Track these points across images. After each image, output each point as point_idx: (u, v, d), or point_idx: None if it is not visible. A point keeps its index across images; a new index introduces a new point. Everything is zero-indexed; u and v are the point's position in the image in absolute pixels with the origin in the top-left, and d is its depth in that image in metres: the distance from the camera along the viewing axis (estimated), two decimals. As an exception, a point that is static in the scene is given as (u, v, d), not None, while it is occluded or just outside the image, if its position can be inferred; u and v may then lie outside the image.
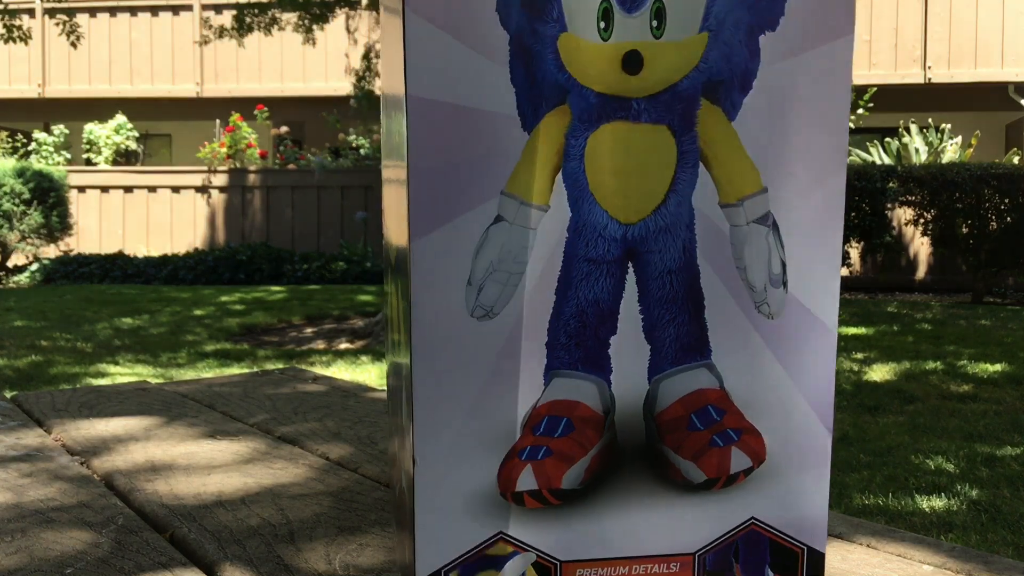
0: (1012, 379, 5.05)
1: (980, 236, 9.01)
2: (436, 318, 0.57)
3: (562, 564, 0.59)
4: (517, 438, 0.59)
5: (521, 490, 0.58)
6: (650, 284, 0.59)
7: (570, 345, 0.59)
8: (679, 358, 0.60)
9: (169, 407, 1.49)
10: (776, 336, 0.60)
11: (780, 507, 0.61)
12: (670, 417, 0.60)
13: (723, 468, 0.60)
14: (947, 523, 2.89)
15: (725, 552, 0.60)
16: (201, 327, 7.23)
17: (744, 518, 0.61)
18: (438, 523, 0.58)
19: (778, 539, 0.61)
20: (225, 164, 12.37)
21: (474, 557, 0.58)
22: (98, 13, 13.78)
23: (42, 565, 0.81)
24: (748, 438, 0.60)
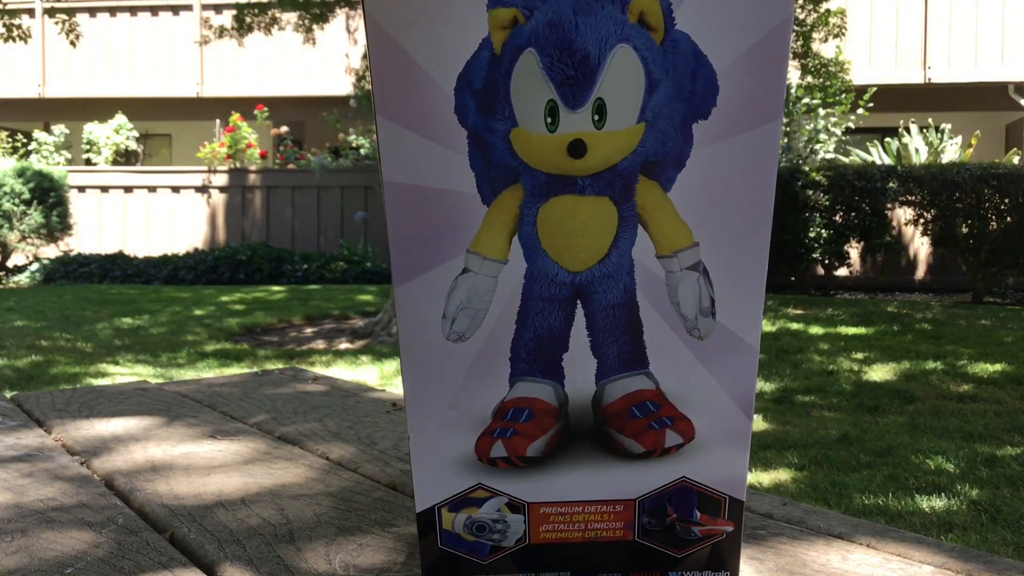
0: (1012, 379, 5.05)
1: (980, 236, 9.01)
2: (419, 342, 0.71)
3: (528, 504, 0.73)
4: (489, 422, 0.71)
5: (494, 456, 0.71)
6: (596, 316, 0.71)
7: (529, 359, 0.71)
8: (621, 368, 0.72)
9: (169, 407, 1.49)
10: (705, 352, 0.72)
11: (706, 470, 0.73)
12: (615, 410, 0.72)
13: (659, 443, 0.72)
14: (947, 523, 2.89)
15: (660, 499, 0.73)
16: (201, 327, 7.23)
17: (676, 476, 0.73)
18: (430, 476, 0.72)
19: (704, 491, 0.73)
20: (225, 164, 12.37)
21: (459, 499, 0.73)
22: (98, 13, 13.78)
23: (42, 565, 0.81)
24: (680, 423, 0.72)
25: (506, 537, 0.74)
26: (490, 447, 0.72)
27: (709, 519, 0.74)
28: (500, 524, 0.74)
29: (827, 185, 9.15)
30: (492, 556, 0.74)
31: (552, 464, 0.72)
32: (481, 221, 0.68)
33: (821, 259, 9.37)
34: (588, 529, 0.74)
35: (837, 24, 9.09)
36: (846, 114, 10.06)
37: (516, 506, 0.73)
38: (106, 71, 13.87)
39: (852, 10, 11.83)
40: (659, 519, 0.74)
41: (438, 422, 0.72)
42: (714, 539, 0.74)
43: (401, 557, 0.82)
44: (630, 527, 0.74)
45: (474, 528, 0.74)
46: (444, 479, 0.73)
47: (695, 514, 0.74)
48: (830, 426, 4.12)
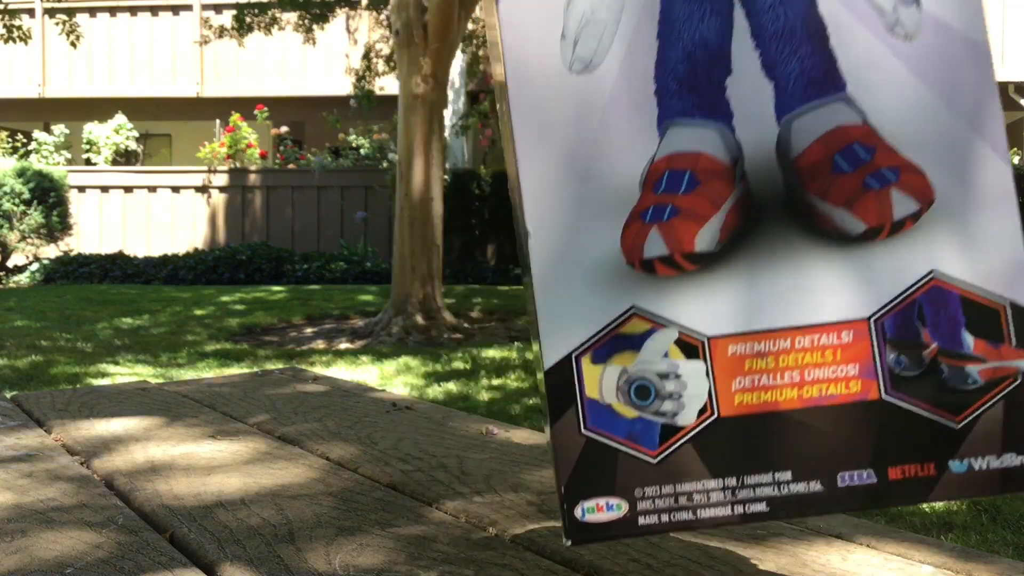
0: (1012, 379, 5.05)
1: (980, 236, 9.02)
2: (532, 75, 0.52)
3: (710, 340, 0.51)
4: (637, 199, 0.52)
5: (649, 256, 0.52)
6: (762, 17, 0.53)
7: (682, 91, 0.52)
8: (808, 94, 0.52)
9: (169, 407, 1.49)
10: (918, 58, 0.52)
11: (964, 254, 0.51)
12: (810, 161, 0.52)
13: (884, 213, 0.51)
14: (947, 523, 2.89)
15: (907, 315, 0.51)
16: (201, 327, 7.22)
17: (923, 271, 0.51)
18: (561, 302, 0.50)
19: (969, 294, 0.51)
20: (225, 164, 12.36)
21: (606, 338, 0.51)
22: (98, 13, 13.77)
23: (42, 565, 0.81)
24: (908, 176, 0.51)
25: (683, 406, 0.51)
26: (643, 240, 0.52)
27: (989, 348, 0.51)
28: (672, 381, 0.51)
29: (827, 185, 9.15)
30: (665, 445, 0.51)
31: (735, 265, 0.51)
32: None
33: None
34: (807, 383, 0.51)
35: (837, 24, 9.09)
36: (846, 114, 10.05)
37: (691, 346, 0.51)
38: (106, 71, 13.87)
39: (852, 10, 11.82)
40: (913, 354, 0.51)
41: (567, 203, 0.51)
42: (1006, 385, 0.51)
43: (401, 557, 0.82)
44: (871, 373, 0.51)
45: (633, 391, 0.51)
46: (581, 305, 0.51)
47: (965, 339, 0.51)
48: (830, 426, 4.12)
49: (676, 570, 0.77)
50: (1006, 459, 0.50)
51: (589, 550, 0.80)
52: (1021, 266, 0.51)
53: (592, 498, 0.51)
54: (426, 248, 6.93)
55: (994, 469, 0.51)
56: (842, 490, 0.51)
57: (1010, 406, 0.50)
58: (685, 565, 0.77)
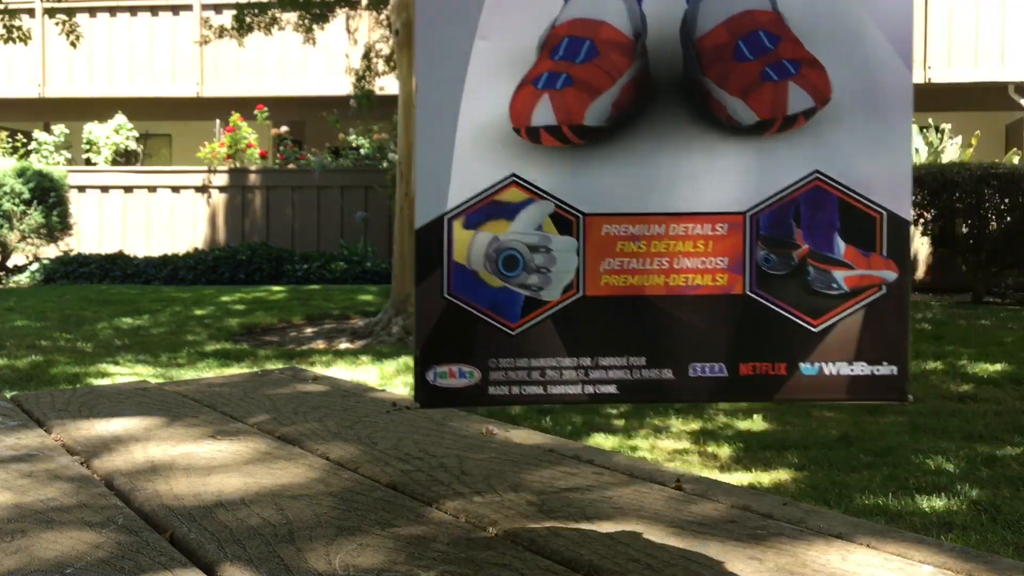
0: (1012, 379, 5.04)
1: (980, 236, 9.00)
2: None
3: (585, 217, 0.48)
4: (533, 63, 0.48)
5: (537, 124, 0.48)
6: None
7: None
8: None
9: (169, 407, 1.49)
10: None
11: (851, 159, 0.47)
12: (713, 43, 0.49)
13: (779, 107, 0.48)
14: (947, 523, 2.89)
15: (783, 213, 0.48)
16: (201, 327, 7.22)
17: (806, 171, 0.48)
18: (441, 161, 0.46)
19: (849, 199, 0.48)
20: (225, 164, 12.36)
21: (482, 202, 0.47)
22: (98, 13, 13.77)
23: (42, 565, 0.81)
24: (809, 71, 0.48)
25: (549, 281, 0.48)
26: (532, 107, 0.47)
27: (859, 255, 0.49)
28: (542, 254, 0.48)
29: (827, 185, 9.14)
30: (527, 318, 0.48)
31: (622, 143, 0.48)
32: None
33: (821, 259, 9.37)
34: (675, 271, 0.49)
35: (837, 24, 9.09)
36: (846, 114, 10.04)
37: (566, 222, 0.48)
38: (106, 71, 13.87)
39: (852, 10, 11.81)
40: (782, 252, 0.48)
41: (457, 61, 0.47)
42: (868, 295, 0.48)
43: (401, 557, 0.82)
44: (739, 267, 0.49)
45: (501, 261, 0.48)
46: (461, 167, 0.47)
47: (837, 244, 0.49)
48: (830, 426, 4.11)
49: (676, 570, 0.77)
50: (856, 367, 0.47)
51: (589, 550, 0.80)
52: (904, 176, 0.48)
53: (446, 363, 0.48)
54: (426, 248, 6.90)
55: (843, 376, 0.48)
56: (693, 380, 0.48)
57: (869, 315, 0.47)
58: (685, 565, 0.77)
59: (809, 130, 0.48)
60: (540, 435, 1.36)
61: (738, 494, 0.98)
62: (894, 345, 0.48)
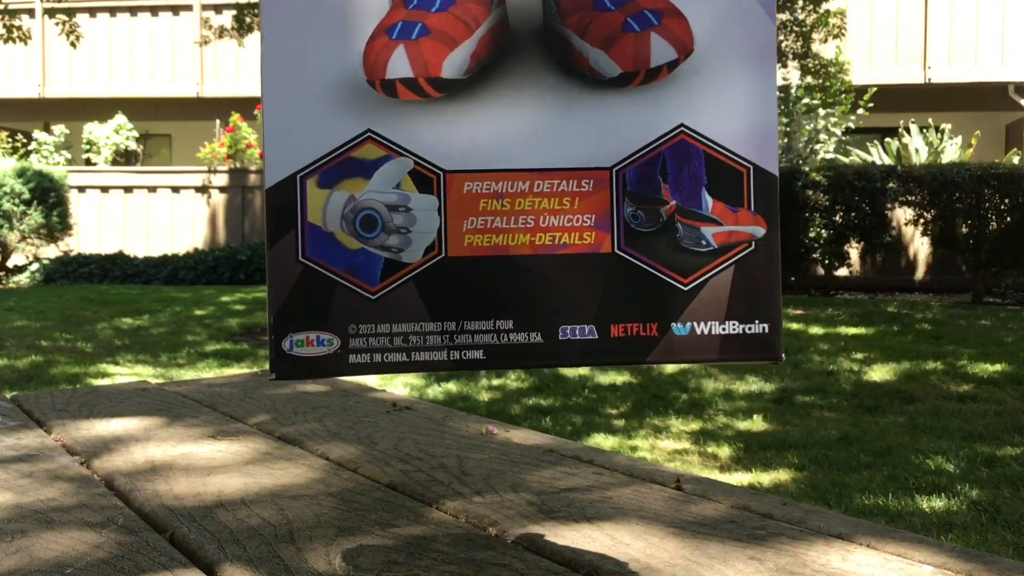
0: (1012, 379, 5.04)
1: (980, 236, 9.01)
2: None
3: (446, 174, 0.49)
4: (386, 12, 0.48)
5: (392, 77, 0.48)
6: None
7: None
8: None
9: (169, 407, 1.49)
10: None
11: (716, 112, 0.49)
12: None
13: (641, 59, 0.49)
14: (947, 523, 2.89)
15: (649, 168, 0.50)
16: (201, 327, 7.23)
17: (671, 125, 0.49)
18: (289, 118, 0.46)
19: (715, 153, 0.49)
20: (225, 164, 12.36)
21: (335, 160, 0.48)
22: (98, 13, 13.77)
23: (42, 565, 0.81)
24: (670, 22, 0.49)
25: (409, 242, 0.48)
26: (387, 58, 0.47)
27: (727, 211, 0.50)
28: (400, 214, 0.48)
29: (827, 185, 9.15)
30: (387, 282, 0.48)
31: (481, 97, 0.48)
32: None
33: (821, 259, 9.37)
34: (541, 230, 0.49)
35: (837, 24, 9.09)
36: (846, 114, 10.05)
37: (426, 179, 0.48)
38: (106, 71, 13.87)
39: (852, 10, 11.82)
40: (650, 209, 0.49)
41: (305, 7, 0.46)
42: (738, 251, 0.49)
43: (401, 557, 0.82)
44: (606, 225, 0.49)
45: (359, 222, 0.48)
46: (313, 122, 0.46)
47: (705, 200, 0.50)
48: (830, 426, 4.11)
49: (676, 570, 0.77)
50: (728, 326, 0.48)
51: (589, 550, 0.80)
52: (769, 130, 0.49)
53: (303, 331, 0.49)
54: (426, 248, 6.91)
55: (715, 335, 0.50)
56: (562, 343, 0.49)
57: (739, 273, 0.48)
58: (685, 565, 0.77)
59: (673, 82, 0.49)
60: (540, 435, 1.36)
61: (738, 494, 0.98)
62: (766, 303, 0.49)
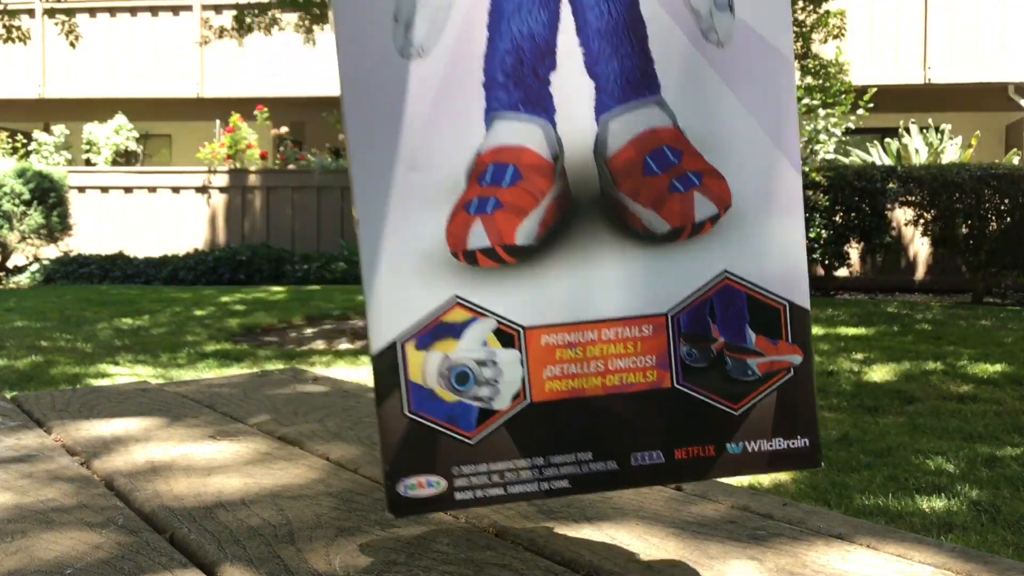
0: (1012, 379, 5.04)
1: (980, 236, 9.01)
2: (363, 60, 0.53)
3: (525, 331, 0.55)
4: (463, 190, 0.55)
5: (473, 248, 0.55)
6: (587, 13, 0.55)
7: (508, 84, 0.55)
8: (626, 95, 0.55)
9: (169, 408, 1.49)
10: (728, 66, 0.55)
11: (754, 257, 0.56)
12: (623, 160, 0.55)
13: (687, 215, 0.55)
14: (947, 523, 2.89)
15: (700, 311, 0.56)
16: (201, 327, 7.23)
17: (716, 271, 0.56)
18: (388, 290, 0.54)
19: (755, 294, 0.56)
20: (225, 164, 12.37)
21: (430, 326, 0.54)
22: (98, 13, 13.78)
23: (42, 565, 0.81)
24: (710, 181, 0.55)
25: (498, 392, 0.55)
26: (467, 231, 0.54)
27: (768, 343, 0.56)
28: (488, 368, 0.55)
29: (827, 185, 9.15)
30: (481, 428, 0.55)
31: (551, 259, 0.54)
32: None
33: (821, 259, 9.37)
34: (610, 372, 0.55)
35: (837, 25, 9.10)
36: (846, 115, 10.06)
37: (508, 336, 0.54)
38: (106, 71, 13.88)
39: (852, 10, 11.83)
40: (702, 347, 0.56)
41: (395, 193, 0.53)
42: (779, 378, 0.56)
43: (401, 557, 0.82)
44: (665, 364, 0.56)
45: (454, 378, 0.55)
46: (408, 292, 0.54)
47: (748, 335, 0.56)
48: (830, 426, 4.11)
49: (676, 570, 0.77)
50: (775, 443, 0.55)
51: (589, 550, 0.80)
52: (801, 271, 0.56)
53: (414, 475, 0.55)
54: (426, 248, 6.91)
55: (764, 451, 0.56)
56: (635, 468, 0.56)
57: (781, 396, 0.55)
58: (685, 566, 0.77)
59: (715, 234, 0.55)
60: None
61: (738, 494, 0.98)
62: (805, 420, 0.56)
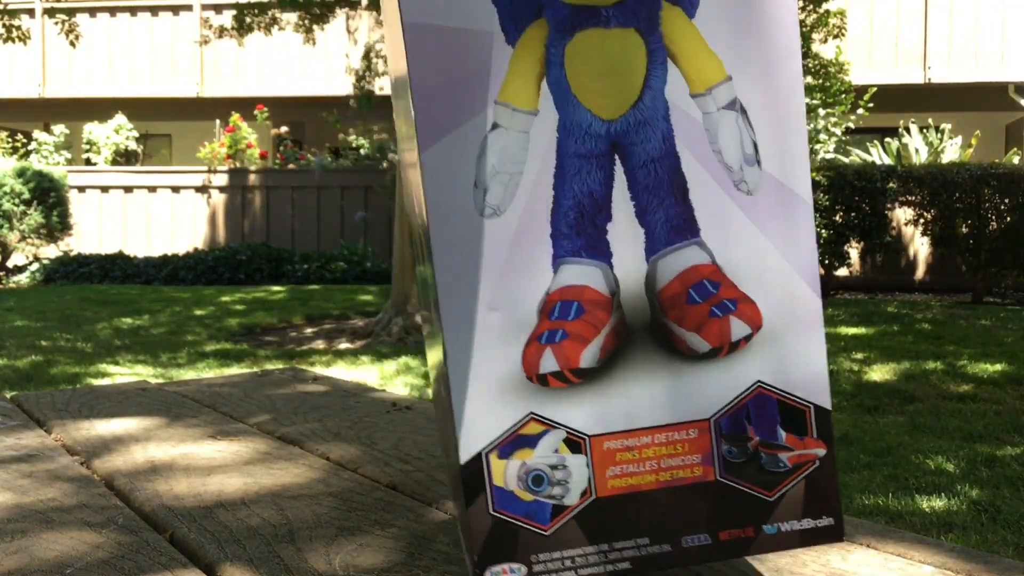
0: (1012, 379, 5.04)
1: (980, 236, 9.01)
2: (450, 219, 0.64)
3: (590, 438, 0.65)
4: (535, 325, 0.65)
5: (544, 372, 0.65)
6: (636, 173, 0.66)
7: (572, 234, 0.66)
8: (671, 238, 0.66)
9: (169, 407, 1.49)
10: (757, 210, 0.66)
11: (782, 369, 0.66)
12: (670, 293, 0.66)
13: (724, 336, 0.66)
14: (947, 523, 2.89)
15: (737, 416, 0.66)
16: (201, 327, 7.23)
17: (750, 382, 0.66)
18: (474, 410, 0.64)
19: (784, 399, 0.66)
20: (225, 164, 12.36)
21: (510, 438, 0.64)
22: (98, 13, 13.77)
23: (42, 565, 0.81)
24: (744, 307, 0.66)
25: (568, 490, 0.66)
26: (539, 358, 0.65)
27: (796, 440, 0.67)
28: (560, 471, 0.65)
29: (827, 185, 9.15)
30: (555, 521, 0.65)
31: (610, 378, 0.66)
32: (507, 66, 0.65)
33: (821, 259, 9.37)
34: (662, 469, 0.66)
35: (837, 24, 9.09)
36: (846, 114, 10.05)
37: (576, 443, 0.65)
38: (106, 71, 13.87)
39: (852, 10, 11.83)
40: (740, 445, 0.66)
41: (478, 331, 0.65)
42: (806, 468, 0.67)
43: (401, 557, 0.82)
44: (709, 461, 0.66)
45: (530, 480, 0.65)
46: (490, 411, 0.65)
47: (779, 434, 0.67)
48: (830, 426, 4.12)
49: (676, 570, 0.77)
50: (804, 523, 0.67)
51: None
52: (823, 378, 0.67)
53: (498, 564, 0.65)
54: (426, 248, 6.91)
55: (796, 530, 0.67)
56: (685, 549, 0.66)
57: (809, 483, 0.66)
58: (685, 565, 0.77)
59: (749, 350, 0.66)
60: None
61: (738, 494, 0.98)
62: (830, 502, 0.67)
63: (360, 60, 10.23)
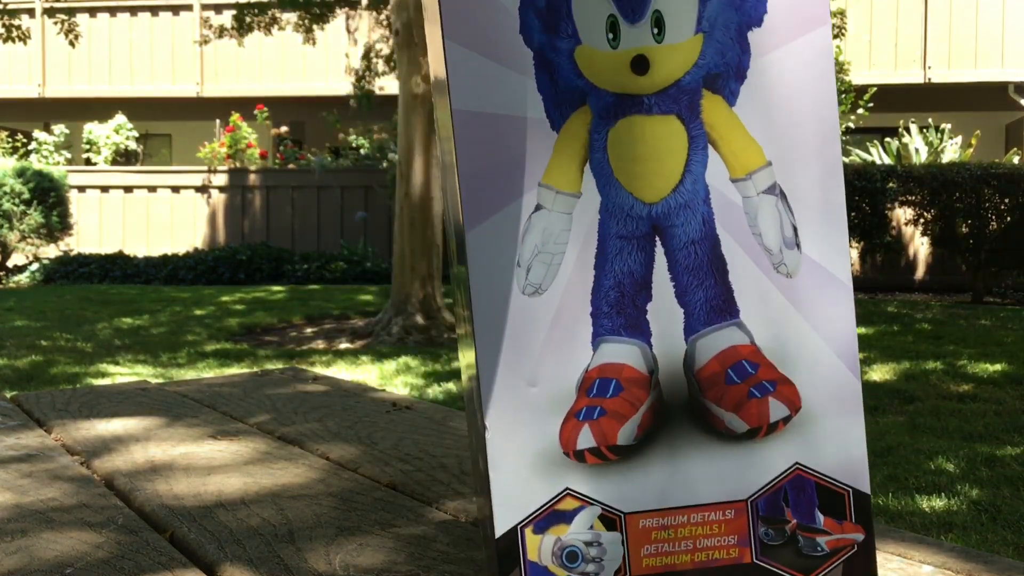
0: (1012, 379, 5.04)
1: (980, 236, 9.01)
2: (492, 297, 0.65)
3: (625, 516, 0.65)
4: (573, 401, 0.65)
5: (582, 448, 0.65)
6: (677, 254, 0.67)
7: (612, 313, 0.66)
8: (710, 319, 0.67)
9: (169, 407, 1.49)
10: (796, 293, 0.67)
11: (821, 451, 0.66)
12: (709, 373, 0.66)
13: (763, 417, 0.66)
14: (947, 523, 2.89)
15: (775, 497, 0.66)
16: (201, 327, 7.23)
17: (789, 464, 0.66)
18: (510, 484, 0.64)
19: (823, 482, 0.66)
20: (225, 164, 12.36)
21: (545, 513, 0.65)
22: (98, 13, 13.77)
23: (42, 565, 0.81)
24: (783, 388, 0.66)
25: (603, 568, 0.65)
26: (577, 434, 0.65)
27: (834, 524, 0.66)
28: (595, 548, 0.65)
29: (827, 185, 9.14)
30: None
31: (647, 456, 0.66)
32: (551, 150, 0.66)
33: (821, 259, 9.36)
34: (698, 550, 0.66)
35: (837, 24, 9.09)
36: (846, 114, 10.06)
37: (611, 520, 0.65)
38: (106, 71, 13.87)
39: (852, 10, 11.83)
40: (777, 528, 0.66)
41: (517, 405, 0.65)
42: (844, 553, 0.66)
43: (401, 557, 0.82)
44: (746, 542, 0.66)
45: (565, 556, 0.65)
46: (526, 486, 0.65)
47: (817, 517, 0.66)
48: (830, 426, 4.12)
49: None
50: None
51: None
52: (862, 462, 0.67)
53: None
54: (426, 248, 6.93)
55: None
56: None
57: (847, 568, 0.66)
58: (685, 565, 0.77)
59: (788, 432, 0.66)
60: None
61: (738, 494, 0.98)
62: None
63: (360, 60, 10.24)
